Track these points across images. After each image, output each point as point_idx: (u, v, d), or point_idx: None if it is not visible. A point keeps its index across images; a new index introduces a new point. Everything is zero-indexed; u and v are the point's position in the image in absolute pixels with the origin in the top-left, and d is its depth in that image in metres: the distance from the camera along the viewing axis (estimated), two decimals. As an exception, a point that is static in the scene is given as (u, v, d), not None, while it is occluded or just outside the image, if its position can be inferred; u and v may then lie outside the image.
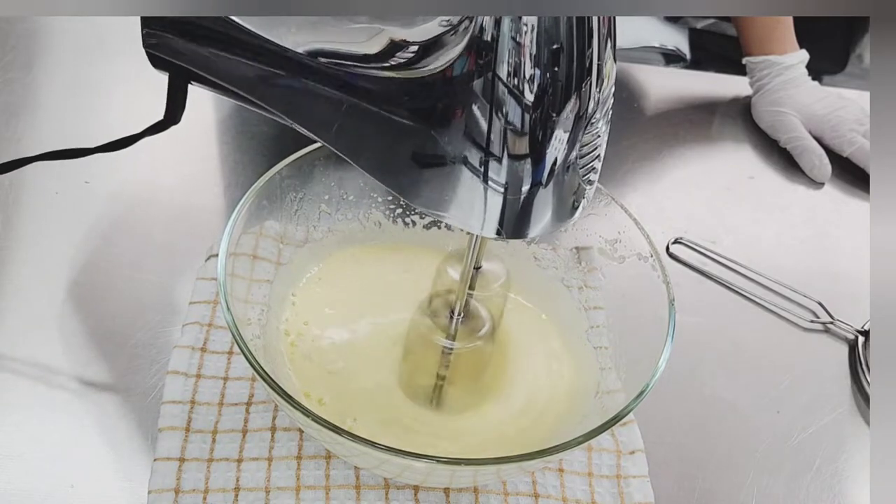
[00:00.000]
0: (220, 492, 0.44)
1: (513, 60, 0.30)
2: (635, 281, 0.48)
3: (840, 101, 0.77)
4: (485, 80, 0.31)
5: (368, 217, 0.55)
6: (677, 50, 1.04)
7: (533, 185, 0.33)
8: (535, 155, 0.32)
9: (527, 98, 0.31)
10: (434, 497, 0.45)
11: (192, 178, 0.64)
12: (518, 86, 0.31)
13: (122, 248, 0.57)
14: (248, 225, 0.46)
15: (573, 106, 0.32)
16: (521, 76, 0.31)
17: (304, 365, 0.48)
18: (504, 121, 0.31)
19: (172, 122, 0.43)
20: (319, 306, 0.51)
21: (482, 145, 0.32)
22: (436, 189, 0.34)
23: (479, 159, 0.32)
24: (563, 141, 0.33)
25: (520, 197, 0.33)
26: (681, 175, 0.73)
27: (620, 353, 0.48)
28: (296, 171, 0.49)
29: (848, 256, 0.68)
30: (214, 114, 0.70)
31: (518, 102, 0.31)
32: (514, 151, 0.32)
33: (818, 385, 0.57)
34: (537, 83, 0.31)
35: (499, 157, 0.32)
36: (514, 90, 0.31)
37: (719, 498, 0.49)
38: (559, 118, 0.32)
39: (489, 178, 0.33)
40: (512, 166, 0.32)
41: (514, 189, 0.33)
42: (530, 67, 0.30)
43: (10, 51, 0.72)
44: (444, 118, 0.32)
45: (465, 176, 0.33)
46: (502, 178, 0.33)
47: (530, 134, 0.32)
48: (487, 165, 0.32)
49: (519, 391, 0.49)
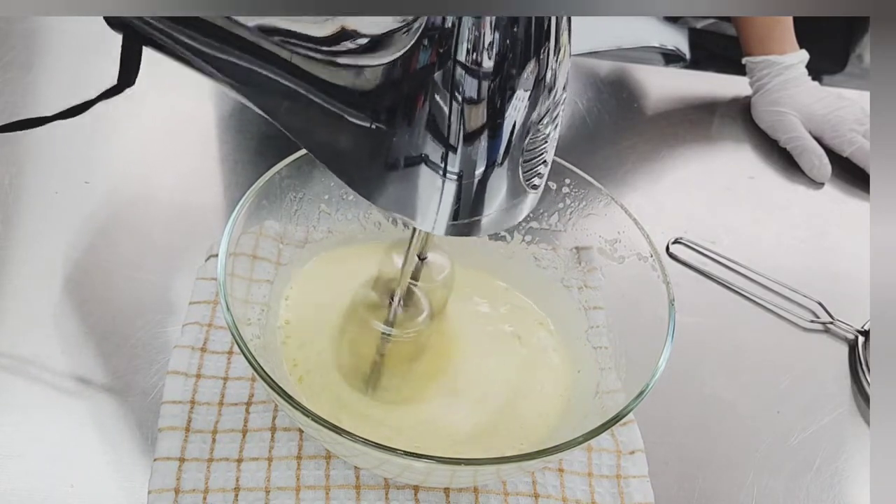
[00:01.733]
0: (220, 492, 0.44)
1: (469, 57, 0.30)
2: (635, 281, 0.48)
3: (840, 101, 0.78)
4: (441, 71, 0.30)
5: (368, 217, 0.55)
6: (677, 50, 1.04)
7: (487, 166, 0.33)
8: (492, 135, 0.32)
9: (481, 91, 0.31)
10: (434, 497, 0.45)
11: (192, 178, 0.64)
12: (467, 87, 0.31)
13: (121, 247, 0.57)
14: (248, 225, 0.46)
15: (526, 102, 0.32)
16: (475, 73, 0.30)
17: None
18: (459, 107, 0.31)
19: (126, 84, 0.42)
20: (309, 304, 0.51)
21: (438, 138, 0.32)
22: (388, 184, 0.34)
23: (440, 155, 0.32)
24: (511, 131, 0.32)
25: (473, 183, 0.33)
26: (681, 175, 0.73)
27: (620, 353, 0.48)
28: (296, 171, 0.49)
29: (848, 256, 0.68)
30: (214, 113, 0.70)
31: (474, 93, 0.31)
32: (469, 130, 0.32)
33: (818, 385, 0.57)
34: (487, 86, 0.31)
35: (454, 146, 0.32)
36: (462, 87, 0.31)
37: (719, 498, 0.49)
38: (506, 115, 0.32)
39: (447, 170, 0.32)
40: (466, 152, 0.32)
41: (468, 174, 0.33)
42: (486, 60, 0.30)
43: (10, 51, 0.72)
44: (392, 109, 0.32)
45: (418, 171, 0.33)
46: (456, 167, 0.32)
47: (487, 119, 0.32)
48: (446, 158, 0.32)
49: (473, 387, 0.48)
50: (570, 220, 0.53)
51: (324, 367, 0.48)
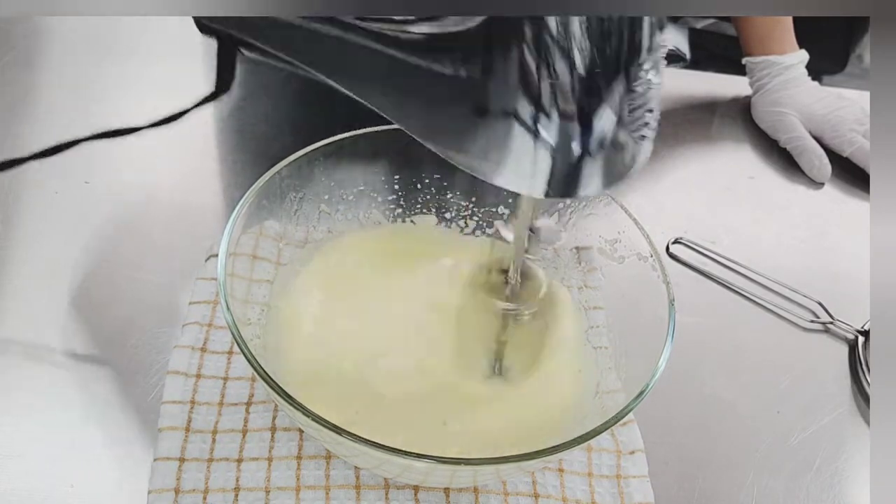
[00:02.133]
0: (220, 492, 0.44)
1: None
2: (635, 281, 0.48)
3: (840, 101, 0.77)
4: (537, 37, 0.30)
5: (368, 217, 0.55)
6: (677, 50, 1.04)
7: (582, 148, 0.32)
8: (584, 119, 0.32)
9: (577, 63, 0.30)
10: (434, 497, 0.45)
11: (192, 178, 0.64)
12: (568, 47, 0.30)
13: (121, 247, 0.57)
14: (248, 225, 0.46)
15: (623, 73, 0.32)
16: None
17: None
18: (554, 78, 0.30)
19: (224, 89, 0.42)
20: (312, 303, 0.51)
21: (533, 100, 0.31)
22: (483, 147, 0.33)
23: (530, 114, 0.31)
24: (613, 105, 0.32)
25: (570, 157, 0.32)
26: (681, 175, 0.73)
27: (620, 353, 0.48)
28: (296, 171, 0.49)
29: (848, 256, 0.68)
30: (214, 114, 0.70)
31: (568, 62, 0.30)
32: (565, 110, 0.31)
33: (818, 385, 0.57)
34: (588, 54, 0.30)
35: (549, 113, 0.31)
36: (566, 51, 0.30)
37: (719, 498, 0.49)
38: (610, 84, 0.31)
39: (540, 134, 0.32)
40: (563, 126, 0.31)
41: (563, 150, 0.32)
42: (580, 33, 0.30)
43: (11, 51, 0.72)
44: (494, 69, 0.31)
45: (516, 131, 0.32)
46: (552, 136, 0.32)
47: (579, 98, 0.31)
48: (538, 120, 0.31)
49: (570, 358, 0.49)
50: (570, 220, 0.53)
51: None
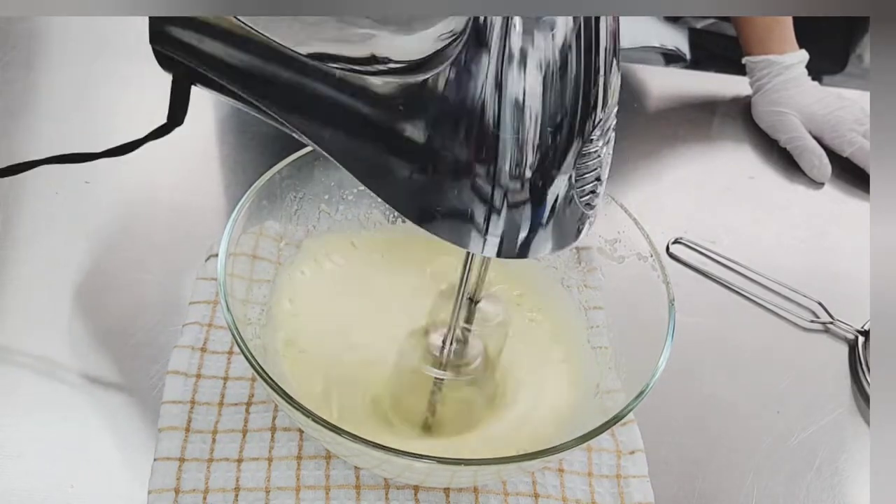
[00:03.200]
0: (220, 492, 0.44)
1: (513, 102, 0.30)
2: (635, 281, 0.48)
3: (840, 101, 0.78)
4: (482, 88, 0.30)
5: (368, 217, 0.55)
6: (677, 50, 1.04)
7: (531, 228, 0.33)
8: (536, 200, 0.32)
9: (527, 160, 0.31)
10: (434, 497, 0.45)
11: (192, 178, 0.64)
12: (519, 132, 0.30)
13: (122, 248, 0.57)
14: (248, 225, 0.46)
15: (575, 148, 0.32)
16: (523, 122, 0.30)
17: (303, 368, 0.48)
18: (504, 168, 0.31)
19: (175, 124, 0.43)
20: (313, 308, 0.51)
21: (480, 195, 0.32)
22: (431, 211, 0.33)
23: (475, 209, 0.32)
24: (563, 181, 0.32)
25: (516, 243, 0.33)
26: (681, 175, 0.73)
27: (620, 353, 0.48)
28: (296, 171, 0.49)
29: (848, 256, 0.68)
30: (214, 114, 0.70)
31: (520, 152, 0.31)
32: (514, 201, 0.32)
33: (818, 385, 0.57)
34: (538, 141, 0.31)
35: (498, 209, 0.32)
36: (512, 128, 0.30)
37: (719, 498, 0.49)
38: (561, 168, 0.32)
39: (488, 227, 0.32)
40: (510, 216, 0.32)
41: (510, 237, 0.33)
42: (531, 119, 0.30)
43: (11, 51, 0.72)
44: (436, 124, 0.32)
45: (466, 225, 0.33)
46: (499, 229, 0.32)
47: (531, 187, 0.32)
48: (488, 217, 0.32)
49: (516, 411, 0.48)
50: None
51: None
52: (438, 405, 0.45)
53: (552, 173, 0.32)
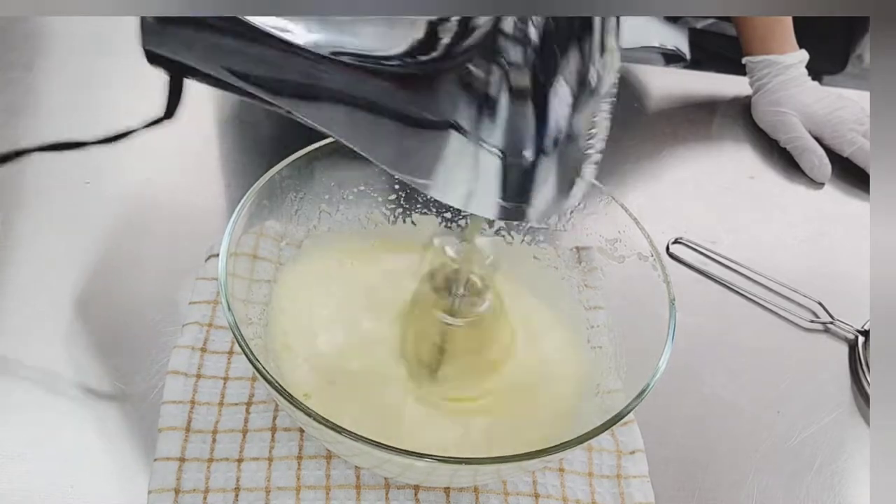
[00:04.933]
0: (221, 492, 0.44)
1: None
2: (635, 280, 0.48)
3: (840, 101, 0.78)
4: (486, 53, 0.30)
5: (369, 217, 0.55)
6: (677, 50, 1.04)
7: (535, 153, 0.33)
8: (539, 116, 0.32)
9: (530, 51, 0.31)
10: (434, 497, 0.46)
11: (193, 179, 0.64)
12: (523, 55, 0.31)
13: (122, 248, 0.57)
14: (249, 225, 0.46)
15: (575, 65, 0.32)
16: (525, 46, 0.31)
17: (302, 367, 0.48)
18: (506, 79, 0.31)
19: (169, 116, 0.43)
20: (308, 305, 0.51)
21: (481, 112, 0.32)
22: (429, 159, 0.34)
23: (474, 123, 0.32)
24: (564, 112, 0.32)
25: (521, 164, 0.33)
26: (681, 175, 0.73)
27: (620, 353, 0.48)
28: (296, 171, 0.49)
29: (848, 256, 0.68)
30: (214, 114, 0.70)
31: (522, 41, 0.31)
32: (519, 86, 0.32)
33: (818, 385, 0.57)
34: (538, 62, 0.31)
35: (495, 114, 0.32)
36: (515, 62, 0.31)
37: (719, 498, 0.49)
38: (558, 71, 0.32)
39: (485, 142, 0.33)
40: (511, 129, 0.32)
41: (513, 154, 0.33)
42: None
43: (11, 51, 0.72)
44: (441, 92, 0.32)
45: (460, 145, 0.33)
46: (499, 140, 0.32)
47: (534, 97, 0.32)
48: (481, 126, 0.32)
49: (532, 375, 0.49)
50: (570, 220, 0.53)
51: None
52: (448, 351, 0.46)
53: (552, 76, 0.32)
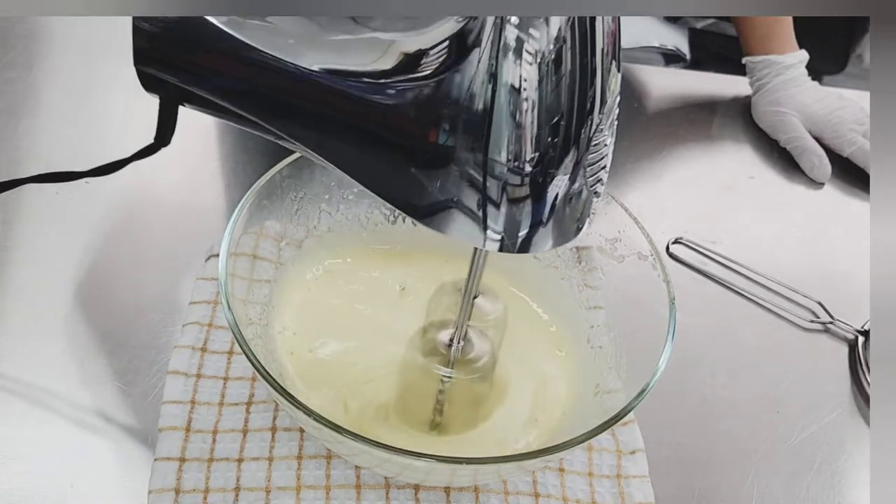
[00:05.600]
0: (221, 492, 0.44)
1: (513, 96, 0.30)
2: (635, 280, 0.48)
3: (840, 101, 0.78)
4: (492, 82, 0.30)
5: (369, 217, 0.55)
6: (677, 50, 1.04)
7: (532, 225, 0.33)
8: (536, 196, 0.32)
9: (526, 153, 0.31)
10: (434, 496, 0.45)
11: (193, 178, 0.64)
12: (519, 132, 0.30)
13: (122, 248, 0.57)
14: (249, 225, 0.47)
15: (576, 142, 0.32)
16: (521, 118, 0.30)
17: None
18: (503, 164, 0.31)
19: (162, 144, 0.42)
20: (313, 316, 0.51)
21: (478, 188, 0.32)
22: (433, 207, 0.33)
23: (476, 203, 0.32)
24: (565, 177, 0.32)
25: (517, 239, 0.33)
26: (681, 175, 0.73)
27: (620, 352, 0.48)
28: (296, 171, 0.49)
29: (848, 256, 0.68)
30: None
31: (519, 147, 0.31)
32: (513, 196, 0.32)
33: (818, 385, 0.57)
34: (537, 139, 0.31)
35: (497, 203, 0.32)
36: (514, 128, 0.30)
37: (719, 498, 0.49)
38: (561, 165, 0.32)
39: (487, 224, 0.33)
40: (510, 211, 0.32)
41: (511, 233, 0.33)
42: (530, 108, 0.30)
43: (10, 51, 0.72)
44: (440, 156, 0.32)
45: (461, 210, 0.33)
46: (500, 225, 0.32)
47: (531, 182, 0.32)
48: (485, 210, 0.32)
49: (521, 406, 0.48)
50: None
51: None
52: (446, 404, 0.45)
53: (551, 171, 0.32)
